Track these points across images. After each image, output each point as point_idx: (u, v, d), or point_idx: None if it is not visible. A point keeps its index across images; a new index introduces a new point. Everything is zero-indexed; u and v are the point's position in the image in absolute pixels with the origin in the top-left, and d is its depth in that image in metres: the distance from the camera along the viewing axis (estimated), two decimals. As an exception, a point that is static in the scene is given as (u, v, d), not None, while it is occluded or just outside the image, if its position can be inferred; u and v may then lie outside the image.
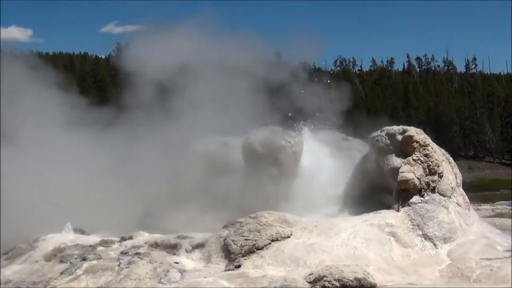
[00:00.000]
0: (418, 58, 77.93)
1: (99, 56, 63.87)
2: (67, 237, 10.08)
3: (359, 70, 75.20)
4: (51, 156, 13.08)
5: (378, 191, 10.19)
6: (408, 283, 7.92)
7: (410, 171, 9.64)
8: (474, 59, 76.41)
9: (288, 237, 8.87)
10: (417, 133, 10.01)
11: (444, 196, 9.83)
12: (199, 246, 9.08)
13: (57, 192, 11.94)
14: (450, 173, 10.32)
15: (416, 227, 9.30)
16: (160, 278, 8.18)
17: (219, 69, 15.10)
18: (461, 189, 10.55)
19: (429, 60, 77.65)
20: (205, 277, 8.18)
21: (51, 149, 13.29)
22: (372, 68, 76.22)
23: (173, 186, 12.09)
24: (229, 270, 8.37)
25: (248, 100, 13.99)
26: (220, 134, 12.71)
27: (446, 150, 11.08)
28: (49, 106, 14.59)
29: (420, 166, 9.72)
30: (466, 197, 10.54)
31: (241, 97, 14.10)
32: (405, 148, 9.92)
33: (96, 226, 10.92)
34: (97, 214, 11.68)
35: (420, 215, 9.42)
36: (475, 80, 71.20)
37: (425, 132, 10.35)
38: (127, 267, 8.50)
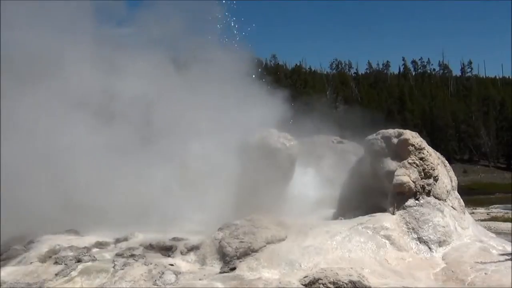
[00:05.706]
0: (413, 62, 78.11)
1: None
2: (62, 239, 10.03)
3: (355, 73, 75.41)
4: None
5: (373, 194, 10.18)
6: (403, 286, 7.92)
7: (406, 174, 9.65)
8: (470, 62, 76.59)
9: (283, 239, 8.86)
10: (413, 137, 10.02)
11: (439, 199, 9.84)
12: (194, 248, 9.07)
13: None
14: (445, 176, 10.35)
15: (411, 230, 9.31)
16: (155, 280, 8.15)
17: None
18: (456, 192, 10.58)
19: (425, 63, 77.85)
20: (200, 280, 8.17)
21: None
22: (368, 71, 76.39)
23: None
24: (224, 272, 8.35)
25: None
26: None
27: (441, 154, 11.12)
28: None
29: (415, 169, 9.73)
30: (461, 200, 10.57)
31: None
32: (400, 152, 9.92)
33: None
34: None
35: (415, 218, 9.43)
36: (471, 84, 71.32)
37: (421, 136, 10.37)
38: (122, 269, 8.46)
